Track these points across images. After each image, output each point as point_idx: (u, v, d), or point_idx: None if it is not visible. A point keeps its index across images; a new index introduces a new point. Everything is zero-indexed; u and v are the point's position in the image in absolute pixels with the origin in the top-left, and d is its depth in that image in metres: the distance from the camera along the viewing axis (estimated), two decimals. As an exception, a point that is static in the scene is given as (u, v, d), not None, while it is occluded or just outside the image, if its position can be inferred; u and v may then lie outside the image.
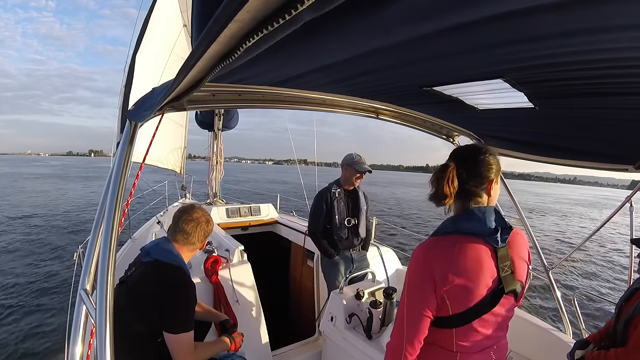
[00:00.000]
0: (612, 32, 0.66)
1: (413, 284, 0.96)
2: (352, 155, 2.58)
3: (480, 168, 1.00)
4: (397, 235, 10.82)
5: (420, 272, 0.95)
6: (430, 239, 1.00)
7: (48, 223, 11.11)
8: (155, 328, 1.32)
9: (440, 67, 1.05)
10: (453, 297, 0.93)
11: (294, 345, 2.44)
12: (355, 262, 2.62)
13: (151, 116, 1.10)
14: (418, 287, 0.95)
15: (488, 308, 0.95)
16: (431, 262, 0.94)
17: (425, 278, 0.93)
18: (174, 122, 5.49)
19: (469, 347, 0.98)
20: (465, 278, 0.92)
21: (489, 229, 0.96)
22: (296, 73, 1.20)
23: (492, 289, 0.95)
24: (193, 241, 1.50)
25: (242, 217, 3.51)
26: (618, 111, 1.20)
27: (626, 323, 1.30)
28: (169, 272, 1.38)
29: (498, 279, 0.96)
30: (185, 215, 1.51)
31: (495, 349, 1.03)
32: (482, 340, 0.98)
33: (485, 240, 0.96)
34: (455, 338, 0.97)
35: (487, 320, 0.97)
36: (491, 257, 0.95)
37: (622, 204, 2.03)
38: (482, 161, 1.00)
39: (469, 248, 0.94)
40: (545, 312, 5.68)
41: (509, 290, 0.97)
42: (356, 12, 0.61)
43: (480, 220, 0.97)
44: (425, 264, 0.95)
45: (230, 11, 0.40)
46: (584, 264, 9.76)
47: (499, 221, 1.00)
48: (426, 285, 0.93)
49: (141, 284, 1.36)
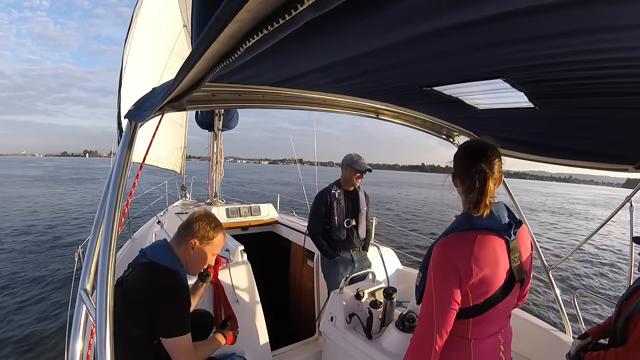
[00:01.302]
0: (612, 32, 0.66)
1: (439, 279, 1.00)
2: (352, 155, 2.57)
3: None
4: (397, 236, 10.82)
5: (446, 268, 0.99)
6: (451, 236, 1.04)
7: (44, 224, 11.10)
8: (149, 332, 1.30)
9: (440, 67, 1.05)
10: (474, 290, 0.99)
11: (294, 345, 2.44)
12: (356, 262, 2.61)
13: (151, 116, 1.09)
14: (445, 282, 0.99)
15: (502, 297, 1.03)
16: (455, 258, 0.98)
17: (452, 273, 0.98)
18: (174, 122, 5.49)
19: (482, 333, 1.05)
20: (485, 271, 0.98)
21: (504, 224, 1.03)
22: (296, 73, 1.20)
23: (506, 279, 1.02)
24: (189, 242, 1.43)
25: (242, 217, 3.51)
26: (618, 111, 1.20)
27: (626, 321, 1.30)
28: (163, 275, 1.34)
29: (510, 270, 1.03)
30: (191, 216, 1.48)
31: (502, 333, 1.11)
32: (493, 327, 1.07)
33: (499, 235, 1.02)
34: (471, 327, 1.04)
35: (499, 309, 1.04)
36: (505, 249, 1.02)
37: (622, 204, 2.03)
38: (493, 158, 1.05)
39: (488, 243, 1.00)
40: (545, 312, 5.68)
41: (519, 279, 1.05)
42: (356, 12, 0.61)
43: (495, 216, 1.02)
44: (450, 260, 0.99)
45: (230, 11, 0.40)
46: (584, 264, 9.76)
47: (510, 216, 1.06)
48: (452, 280, 0.97)
49: (135, 286, 1.33)
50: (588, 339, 1.52)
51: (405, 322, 1.57)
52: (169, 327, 1.29)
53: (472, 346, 1.04)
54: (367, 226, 2.74)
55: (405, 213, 19.56)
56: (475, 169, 1.01)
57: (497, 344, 1.09)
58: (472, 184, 1.02)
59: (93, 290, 0.94)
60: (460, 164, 1.09)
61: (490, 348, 1.07)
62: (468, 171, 1.03)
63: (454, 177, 1.12)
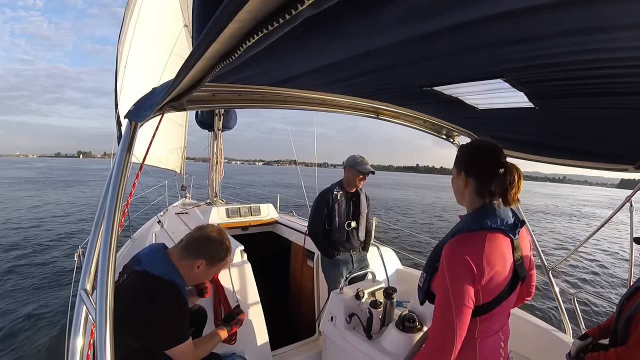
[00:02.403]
0: (612, 32, 0.66)
1: (454, 279, 0.99)
2: (355, 157, 2.56)
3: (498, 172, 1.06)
4: (397, 236, 10.83)
5: (460, 267, 0.99)
6: (462, 236, 1.04)
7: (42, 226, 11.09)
8: (146, 345, 1.24)
9: (440, 67, 1.06)
10: (485, 288, 1.00)
11: (294, 345, 2.44)
12: (356, 262, 2.61)
13: (151, 116, 1.09)
14: (461, 282, 0.98)
15: (507, 295, 1.05)
16: (468, 257, 0.99)
17: (466, 272, 0.98)
18: (174, 122, 5.49)
19: (487, 332, 1.07)
20: (496, 270, 1.00)
21: (511, 224, 1.05)
22: (296, 73, 1.20)
23: (511, 278, 1.05)
24: (194, 262, 1.36)
25: (242, 217, 3.51)
26: (618, 111, 1.20)
27: (627, 321, 1.30)
28: (157, 287, 1.27)
29: (514, 268, 1.06)
30: (203, 232, 1.41)
31: (502, 331, 1.13)
32: (497, 324, 1.09)
33: (506, 234, 1.04)
34: (478, 325, 1.05)
35: (504, 307, 1.07)
36: (510, 248, 1.05)
37: (622, 204, 2.03)
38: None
39: (497, 242, 1.02)
40: (545, 312, 5.69)
41: (522, 277, 1.09)
42: (356, 12, 0.61)
43: (501, 216, 1.05)
44: (463, 260, 0.99)
45: (230, 11, 0.40)
46: (584, 264, 9.76)
47: (514, 216, 1.09)
48: (467, 279, 0.98)
49: (128, 295, 1.24)
50: (588, 339, 1.52)
51: (405, 322, 1.57)
52: (168, 339, 1.26)
53: (478, 345, 1.06)
54: (367, 227, 2.74)
55: (405, 215, 19.56)
56: (503, 166, 1.05)
57: (498, 340, 1.11)
58: (503, 180, 1.04)
59: (93, 290, 0.95)
60: (478, 163, 1.09)
61: (493, 345, 1.09)
62: (492, 169, 1.05)
63: (463, 178, 1.10)
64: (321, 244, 2.55)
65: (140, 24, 3.40)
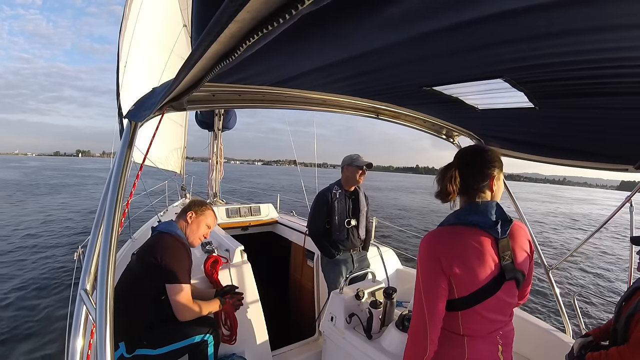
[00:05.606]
0: (612, 32, 0.66)
1: (425, 269, 1.05)
2: (351, 155, 2.59)
3: (482, 167, 1.10)
4: (397, 235, 10.82)
5: (429, 257, 1.04)
6: (435, 229, 1.09)
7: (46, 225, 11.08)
8: (159, 281, 1.62)
9: (440, 67, 1.05)
10: (458, 281, 1.02)
11: (294, 345, 2.44)
12: (356, 262, 2.61)
13: (151, 116, 1.09)
14: (429, 270, 1.03)
15: (490, 293, 1.04)
16: (437, 248, 1.04)
17: (434, 262, 1.02)
18: (174, 122, 5.49)
19: (475, 330, 1.06)
20: (467, 264, 1.01)
21: (490, 221, 1.05)
22: (296, 73, 1.20)
23: (494, 276, 1.04)
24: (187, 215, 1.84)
25: (242, 217, 3.51)
26: (618, 111, 1.20)
27: (627, 321, 1.30)
28: (167, 238, 1.73)
29: (500, 267, 1.05)
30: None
31: (501, 334, 1.11)
32: (487, 324, 1.07)
33: (486, 232, 1.05)
34: (461, 321, 1.06)
35: (490, 305, 1.05)
36: (492, 246, 1.04)
37: (622, 204, 2.03)
38: (484, 160, 1.11)
39: (471, 238, 1.04)
40: (545, 312, 5.69)
41: (510, 278, 1.06)
42: (356, 11, 0.61)
43: (481, 213, 1.06)
44: (432, 250, 1.04)
45: (230, 11, 0.40)
46: (584, 264, 9.76)
47: (500, 214, 1.08)
48: (435, 268, 1.02)
49: (147, 247, 1.73)
50: (589, 338, 1.52)
51: (405, 322, 1.57)
52: (174, 273, 1.61)
53: (466, 343, 1.06)
54: (367, 226, 2.74)
55: (405, 215, 19.55)
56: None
57: (494, 344, 1.09)
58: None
59: (93, 290, 0.95)
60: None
61: (486, 347, 1.08)
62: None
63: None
64: (321, 243, 2.55)
65: (140, 24, 3.40)
